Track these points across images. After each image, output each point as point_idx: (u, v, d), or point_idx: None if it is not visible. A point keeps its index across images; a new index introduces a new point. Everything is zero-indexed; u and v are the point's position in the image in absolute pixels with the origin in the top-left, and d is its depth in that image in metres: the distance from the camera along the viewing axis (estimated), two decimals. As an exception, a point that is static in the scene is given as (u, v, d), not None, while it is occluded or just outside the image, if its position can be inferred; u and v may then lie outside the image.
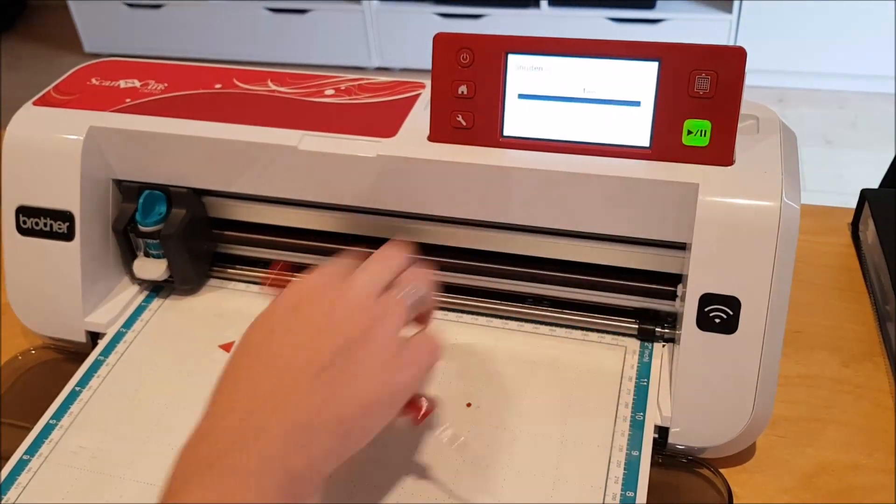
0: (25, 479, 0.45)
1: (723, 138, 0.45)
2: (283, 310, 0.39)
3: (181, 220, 0.54)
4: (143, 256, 0.56)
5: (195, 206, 0.55)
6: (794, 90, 2.09)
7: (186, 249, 0.55)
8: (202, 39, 2.38)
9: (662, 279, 0.50)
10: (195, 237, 0.56)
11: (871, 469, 0.47)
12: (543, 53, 0.46)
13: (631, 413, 0.46)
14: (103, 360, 0.52)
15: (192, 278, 0.57)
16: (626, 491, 0.43)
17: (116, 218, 0.55)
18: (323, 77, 0.56)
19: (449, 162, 0.48)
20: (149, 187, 0.54)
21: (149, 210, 0.54)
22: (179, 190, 0.54)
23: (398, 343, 0.38)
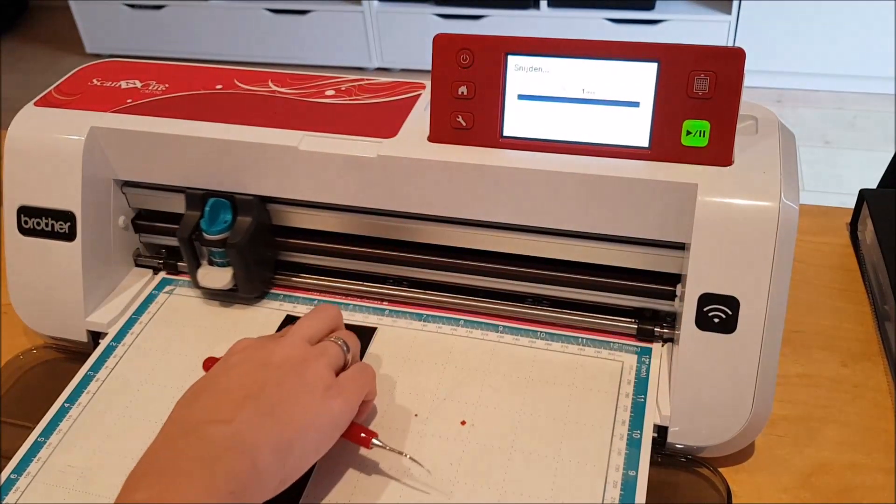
0: (13, 499, 0.45)
1: (722, 139, 0.45)
2: (224, 365, 0.43)
3: (247, 228, 0.53)
4: (207, 265, 0.55)
5: (260, 214, 0.54)
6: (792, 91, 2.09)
7: (252, 258, 0.54)
8: (203, 40, 2.38)
9: (662, 279, 0.50)
10: (260, 245, 0.55)
11: (870, 468, 0.47)
12: (543, 54, 0.46)
13: (628, 430, 0.46)
14: (93, 376, 0.52)
15: (257, 287, 0.56)
16: (625, 490, 0.43)
17: (181, 227, 0.54)
18: (323, 78, 0.56)
19: (449, 162, 0.48)
20: (214, 194, 0.53)
21: (214, 218, 0.53)
22: (245, 197, 0.53)
23: (331, 376, 0.42)
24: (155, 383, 0.51)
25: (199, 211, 0.54)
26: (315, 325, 0.45)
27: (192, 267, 0.55)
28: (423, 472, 0.44)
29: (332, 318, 0.47)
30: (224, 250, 0.53)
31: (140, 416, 0.49)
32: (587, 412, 0.47)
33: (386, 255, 0.55)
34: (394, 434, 0.46)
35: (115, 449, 0.47)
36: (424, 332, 0.53)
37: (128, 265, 0.59)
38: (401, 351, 0.52)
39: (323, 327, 0.46)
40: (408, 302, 0.55)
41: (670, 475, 0.46)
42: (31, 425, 0.49)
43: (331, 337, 0.45)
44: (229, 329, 0.54)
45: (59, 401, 0.50)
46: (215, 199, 0.53)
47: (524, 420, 0.47)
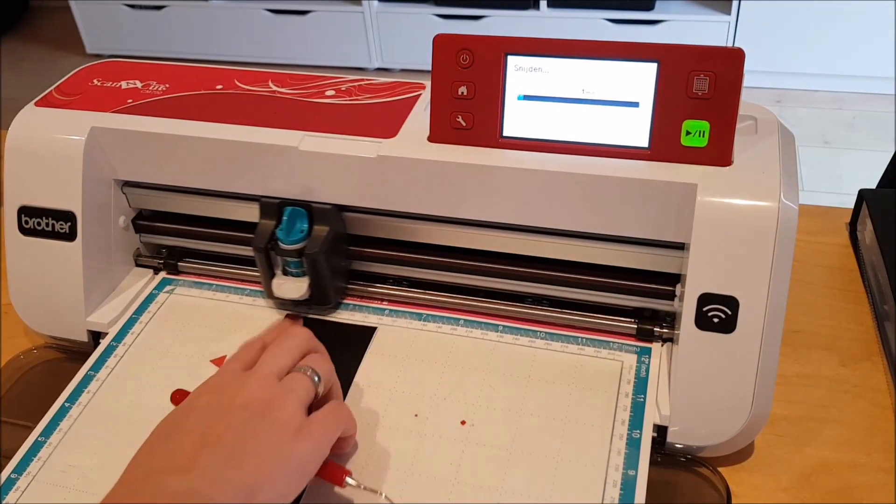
0: (13, 499, 0.45)
1: (721, 139, 0.45)
2: (188, 405, 0.40)
3: (324, 238, 0.51)
4: (282, 275, 0.54)
5: (336, 223, 0.53)
6: (792, 91, 2.09)
7: (329, 267, 0.52)
8: (203, 40, 2.38)
9: (661, 279, 0.50)
10: (336, 254, 0.53)
11: (870, 468, 0.47)
12: (543, 54, 0.47)
13: (627, 430, 0.46)
14: (93, 375, 0.52)
15: (332, 297, 0.54)
16: (625, 490, 0.43)
17: (257, 236, 0.52)
18: (323, 78, 0.57)
19: (449, 162, 0.48)
20: (289, 203, 0.52)
21: (291, 227, 0.52)
22: (322, 206, 0.52)
23: (301, 416, 0.40)
24: (156, 383, 0.51)
25: (274, 220, 0.52)
26: (283, 355, 0.43)
27: (266, 277, 0.53)
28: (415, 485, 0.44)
29: (300, 343, 0.44)
30: (300, 260, 0.52)
31: (140, 416, 0.49)
32: (587, 412, 0.47)
33: (386, 255, 0.55)
34: (394, 434, 0.47)
35: (116, 449, 0.47)
36: (424, 331, 0.53)
37: (128, 265, 0.59)
38: (400, 350, 0.52)
39: (292, 356, 0.43)
40: (408, 302, 0.55)
41: (670, 475, 0.46)
42: (32, 425, 0.49)
43: (300, 367, 0.42)
44: (230, 328, 0.54)
45: (60, 400, 0.50)
46: (293, 209, 0.52)
47: (524, 420, 0.47)
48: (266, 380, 0.41)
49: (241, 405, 0.39)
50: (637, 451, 0.44)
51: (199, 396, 0.41)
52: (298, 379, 0.41)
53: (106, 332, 0.55)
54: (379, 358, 0.51)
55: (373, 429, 0.47)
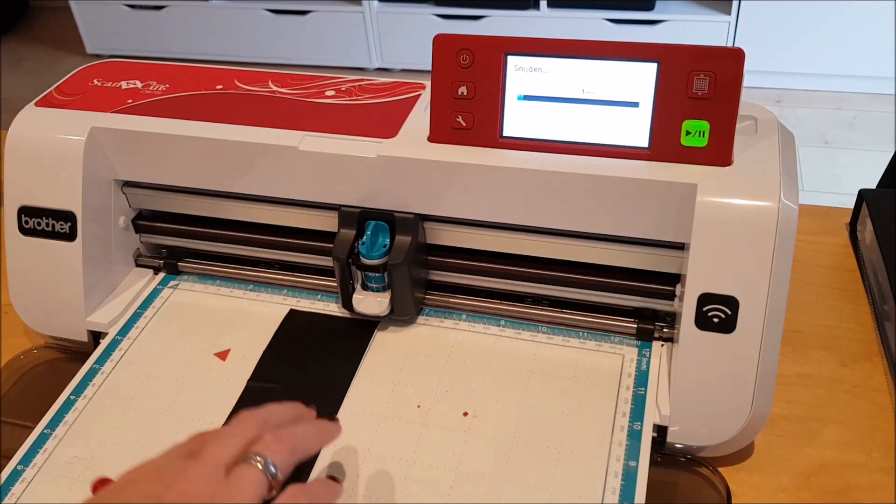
0: (19, 490, 0.45)
1: (721, 139, 0.45)
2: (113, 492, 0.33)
3: (406, 249, 0.50)
4: (362, 290, 0.52)
5: (418, 233, 0.51)
6: (792, 91, 2.09)
7: (410, 279, 0.51)
8: (203, 40, 2.38)
9: (661, 279, 0.50)
10: (417, 265, 0.52)
11: (870, 468, 0.47)
12: (542, 54, 0.47)
13: (628, 422, 0.46)
14: (98, 369, 0.52)
15: (412, 309, 0.53)
16: (625, 489, 0.43)
17: (337, 247, 0.51)
18: (323, 78, 0.57)
19: (449, 162, 0.48)
20: (370, 214, 0.51)
21: (373, 242, 0.51)
22: (405, 216, 0.51)
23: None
24: (157, 379, 0.51)
25: (354, 230, 0.51)
26: (232, 439, 0.35)
27: (347, 290, 0.52)
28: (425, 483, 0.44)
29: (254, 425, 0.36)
30: (381, 275, 0.51)
31: (145, 407, 0.49)
32: (588, 404, 0.47)
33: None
34: (396, 425, 0.47)
35: (120, 441, 0.48)
36: (426, 325, 0.53)
37: (128, 265, 0.59)
38: (403, 345, 0.52)
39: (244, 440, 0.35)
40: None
41: (670, 475, 0.46)
42: (32, 425, 0.49)
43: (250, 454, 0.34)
44: (230, 327, 0.54)
45: (66, 393, 0.51)
46: (376, 223, 0.51)
47: (526, 411, 0.47)
48: (209, 471, 0.33)
49: (174, 500, 0.31)
50: (638, 444, 0.44)
51: (127, 484, 0.33)
52: (248, 473, 0.33)
53: (106, 333, 0.55)
54: (381, 351, 0.52)
55: (376, 419, 0.47)
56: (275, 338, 0.53)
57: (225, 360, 0.52)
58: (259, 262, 0.58)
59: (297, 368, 0.51)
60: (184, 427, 0.48)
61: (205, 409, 0.49)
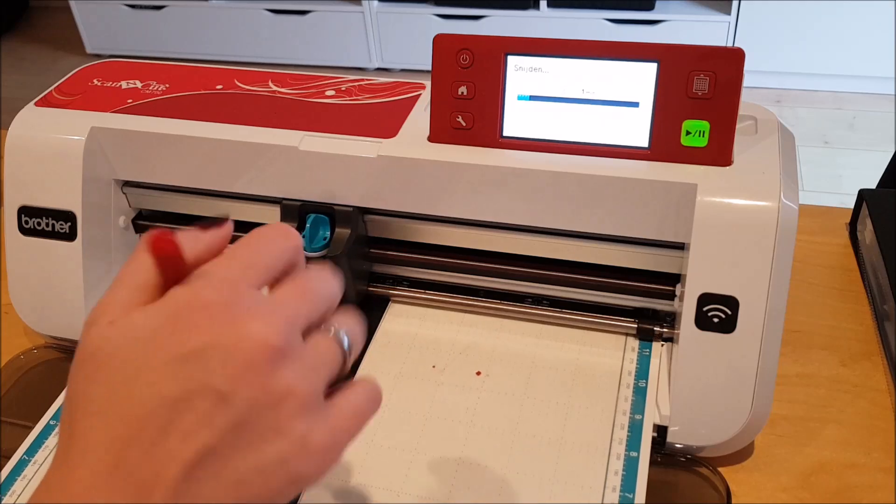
0: (25, 481, 0.45)
1: (721, 139, 0.45)
2: (152, 329, 0.27)
3: (346, 241, 0.51)
4: None
5: (358, 225, 0.52)
6: (792, 91, 2.09)
7: (350, 271, 0.52)
8: (203, 40, 2.38)
9: (661, 279, 0.50)
10: (358, 257, 0.53)
11: (870, 468, 0.47)
12: (543, 54, 0.47)
13: (629, 414, 0.47)
14: None
15: (353, 300, 0.54)
16: (625, 489, 0.43)
17: None
18: (323, 78, 0.57)
19: (449, 162, 0.48)
20: (310, 207, 0.52)
21: (314, 235, 0.52)
22: (344, 209, 0.51)
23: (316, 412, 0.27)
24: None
25: (296, 223, 0.52)
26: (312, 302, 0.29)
27: None
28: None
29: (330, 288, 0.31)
30: None
31: None
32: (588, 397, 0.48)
33: (386, 255, 0.55)
34: (412, 382, 0.49)
35: None
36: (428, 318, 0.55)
37: (128, 265, 0.59)
38: (407, 332, 0.53)
39: (318, 308, 0.30)
40: (408, 302, 0.55)
41: (670, 475, 0.46)
42: (32, 425, 0.49)
43: (329, 326, 0.30)
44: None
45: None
46: (315, 216, 0.52)
47: (527, 404, 0.48)
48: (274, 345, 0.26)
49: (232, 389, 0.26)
50: (637, 451, 0.45)
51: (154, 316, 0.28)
52: (319, 353, 0.29)
53: (106, 332, 0.55)
54: (387, 338, 0.53)
55: (392, 378, 0.49)
56: None
57: None
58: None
59: None
60: None
61: None
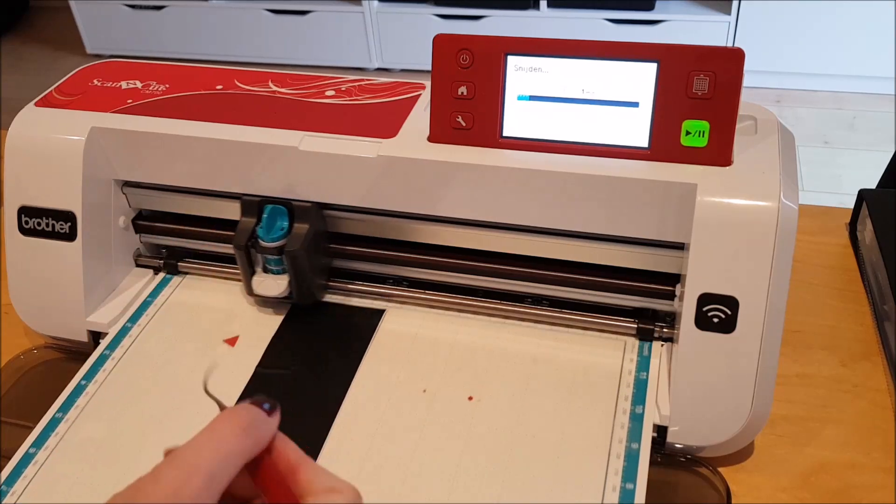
0: (31, 472, 0.46)
1: (721, 139, 0.45)
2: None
3: (305, 236, 0.52)
4: (262, 272, 0.54)
5: (317, 221, 0.53)
6: (792, 91, 2.09)
7: (309, 265, 0.53)
8: (203, 41, 2.38)
9: (661, 279, 0.50)
10: (317, 252, 0.54)
11: (869, 468, 0.47)
12: (542, 54, 0.47)
13: (630, 406, 0.47)
14: (109, 355, 0.53)
15: (312, 294, 0.55)
16: (626, 483, 0.43)
17: (237, 234, 0.53)
18: (323, 78, 0.57)
19: (449, 162, 0.48)
20: (270, 201, 0.53)
21: (271, 225, 0.52)
22: (303, 204, 0.52)
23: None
24: (167, 365, 0.52)
25: (255, 217, 0.53)
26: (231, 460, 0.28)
27: (247, 275, 0.54)
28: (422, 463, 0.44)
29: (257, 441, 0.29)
30: (280, 258, 0.52)
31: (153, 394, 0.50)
32: (589, 396, 0.48)
33: (386, 255, 0.55)
34: (402, 410, 0.48)
35: (132, 424, 0.48)
36: (432, 315, 0.54)
37: (128, 265, 0.59)
38: (408, 333, 0.53)
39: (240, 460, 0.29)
40: (408, 302, 0.55)
41: (670, 475, 0.46)
42: (32, 425, 0.49)
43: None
44: (236, 317, 0.55)
45: (76, 378, 0.51)
46: (273, 207, 0.52)
47: (529, 397, 0.48)
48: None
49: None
50: (637, 447, 0.45)
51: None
52: None
53: (106, 333, 0.55)
54: (387, 339, 0.52)
55: (382, 405, 0.48)
56: (283, 325, 0.54)
57: (234, 346, 0.52)
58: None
59: (305, 354, 0.52)
60: (194, 410, 0.48)
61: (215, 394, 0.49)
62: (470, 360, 0.51)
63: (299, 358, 0.52)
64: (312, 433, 0.47)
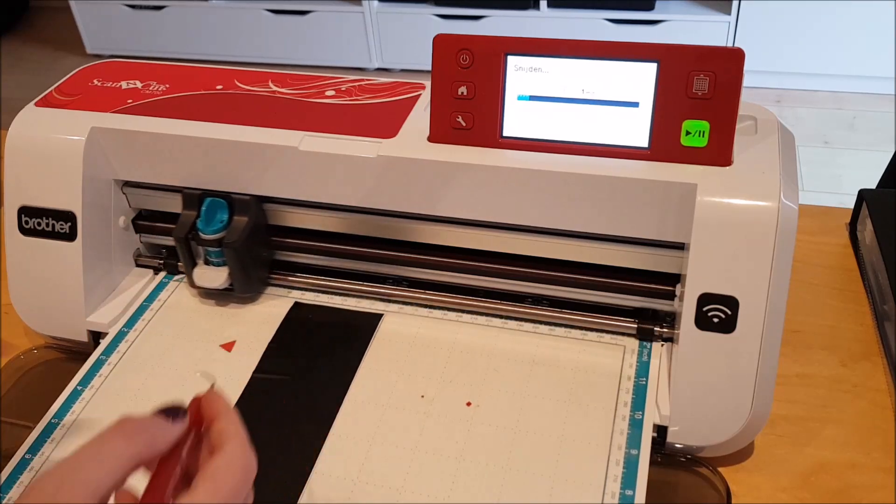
0: (27, 479, 0.46)
1: (721, 139, 0.45)
2: None
3: (244, 228, 0.53)
4: (203, 265, 0.55)
5: (257, 213, 0.54)
6: (792, 91, 2.09)
7: (248, 257, 0.54)
8: (203, 41, 2.38)
9: (661, 279, 0.50)
10: (256, 245, 0.55)
11: (869, 468, 0.47)
12: (542, 55, 0.47)
13: (630, 412, 0.47)
14: (105, 360, 0.53)
15: (252, 286, 0.56)
16: (625, 489, 0.43)
17: (178, 227, 0.54)
18: (323, 78, 0.57)
19: (449, 162, 0.48)
20: (210, 194, 0.54)
21: (210, 218, 0.53)
22: (242, 197, 0.53)
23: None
24: (164, 369, 0.51)
25: (196, 211, 0.54)
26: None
27: (188, 266, 0.55)
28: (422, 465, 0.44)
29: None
30: (220, 250, 0.53)
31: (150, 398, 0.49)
32: (589, 397, 0.48)
33: (386, 255, 0.55)
34: (400, 414, 0.48)
35: None
36: (430, 318, 0.54)
37: (128, 265, 0.59)
38: (407, 336, 0.53)
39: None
40: (408, 302, 0.55)
41: (670, 475, 0.46)
42: (32, 425, 0.49)
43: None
44: (235, 321, 0.55)
45: (73, 383, 0.51)
46: (212, 199, 0.54)
47: (529, 401, 0.48)
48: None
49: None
50: (637, 451, 0.45)
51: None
52: None
53: (106, 333, 0.55)
54: (386, 342, 0.52)
55: (381, 409, 0.48)
56: (280, 329, 0.54)
57: (231, 351, 0.52)
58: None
59: (303, 359, 0.52)
60: None
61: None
62: (469, 362, 0.51)
63: (297, 361, 0.52)
64: (310, 437, 0.47)
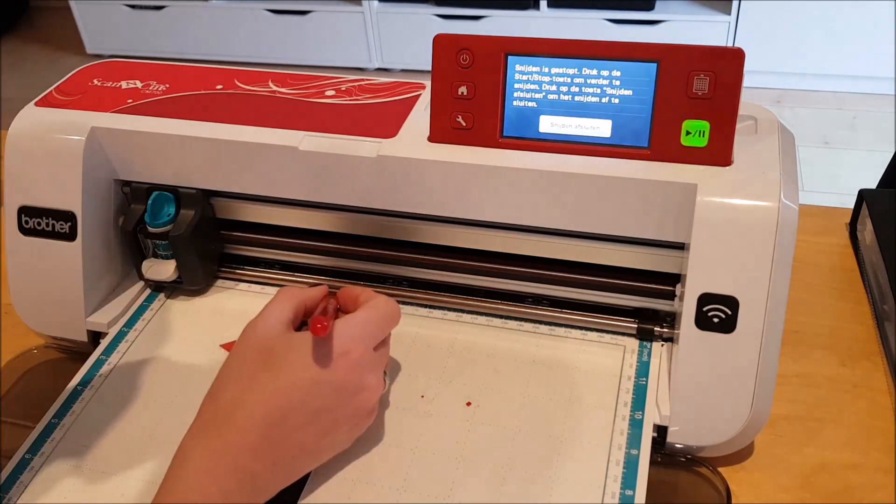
0: (27, 478, 0.46)
1: (721, 139, 0.45)
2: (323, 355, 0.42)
3: (190, 221, 0.54)
4: (152, 257, 0.56)
5: (204, 207, 0.55)
6: (792, 91, 2.09)
7: (195, 250, 0.55)
8: (203, 40, 2.38)
9: (661, 279, 0.50)
10: (204, 238, 0.56)
11: (869, 468, 0.47)
12: (543, 55, 0.47)
13: (630, 412, 0.47)
14: (105, 360, 0.53)
15: (201, 279, 0.57)
16: (626, 489, 0.43)
17: (125, 219, 0.55)
18: (323, 78, 0.57)
19: (449, 162, 0.48)
20: (158, 188, 0.54)
21: (158, 211, 0.54)
22: (188, 191, 0.54)
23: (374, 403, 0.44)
24: (165, 369, 0.52)
25: (144, 204, 0.55)
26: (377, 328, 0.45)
27: (136, 259, 0.56)
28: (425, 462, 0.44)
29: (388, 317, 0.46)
30: (167, 243, 0.54)
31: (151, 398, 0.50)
32: (589, 396, 0.48)
33: (386, 255, 0.55)
34: (399, 414, 0.48)
35: (130, 428, 0.48)
36: (430, 318, 0.54)
37: (128, 265, 0.59)
38: (407, 336, 0.53)
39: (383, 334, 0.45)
40: (408, 302, 0.55)
41: (670, 475, 0.46)
42: (32, 425, 0.49)
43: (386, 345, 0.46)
44: (232, 326, 0.55)
45: (74, 381, 0.51)
46: (158, 193, 0.54)
47: (528, 401, 0.48)
48: (362, 353, 0.43)
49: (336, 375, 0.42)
50: (637, 451, 0.45)
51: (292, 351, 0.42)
52: (381, 362, 0.45)
53: (106, 333, 0.55)
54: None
55: (380, 409, 0.48)
56: None
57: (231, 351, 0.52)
58: (259, 262, 0.58)
59: None
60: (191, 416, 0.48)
61: None
62: (469, 362, 0.51)
63: None
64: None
